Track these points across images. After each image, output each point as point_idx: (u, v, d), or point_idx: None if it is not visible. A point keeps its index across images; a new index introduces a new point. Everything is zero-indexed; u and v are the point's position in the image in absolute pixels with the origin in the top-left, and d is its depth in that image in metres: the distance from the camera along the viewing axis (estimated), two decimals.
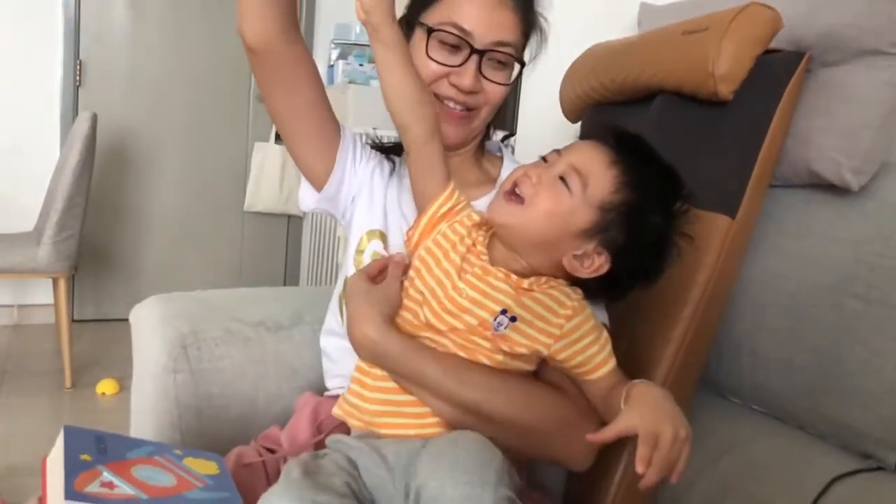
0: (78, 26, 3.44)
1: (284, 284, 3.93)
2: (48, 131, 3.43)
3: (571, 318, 0.82)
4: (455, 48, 0.95)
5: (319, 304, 1.32)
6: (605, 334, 0.85)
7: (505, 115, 2.38)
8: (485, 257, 0.85)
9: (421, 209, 0.90)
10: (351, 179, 1.06)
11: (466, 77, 0.95)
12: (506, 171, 1.08)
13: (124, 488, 0.72)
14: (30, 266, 2.67)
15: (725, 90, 1.07)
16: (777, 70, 1.06)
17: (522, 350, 0.82)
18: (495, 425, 0.81)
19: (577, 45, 1.47)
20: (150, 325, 1.20)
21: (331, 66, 3.69)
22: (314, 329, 1.27)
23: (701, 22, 1.13)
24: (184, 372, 1.15)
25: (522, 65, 1.00)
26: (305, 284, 3.63)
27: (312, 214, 3.40)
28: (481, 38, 0.94)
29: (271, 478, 0.98)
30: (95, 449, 0.77)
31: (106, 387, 2.77)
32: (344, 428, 0.90)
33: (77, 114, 3.20)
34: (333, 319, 1.11)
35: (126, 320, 1.28)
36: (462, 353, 0.83)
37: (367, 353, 0.83)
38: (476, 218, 0.88)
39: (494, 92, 0.98)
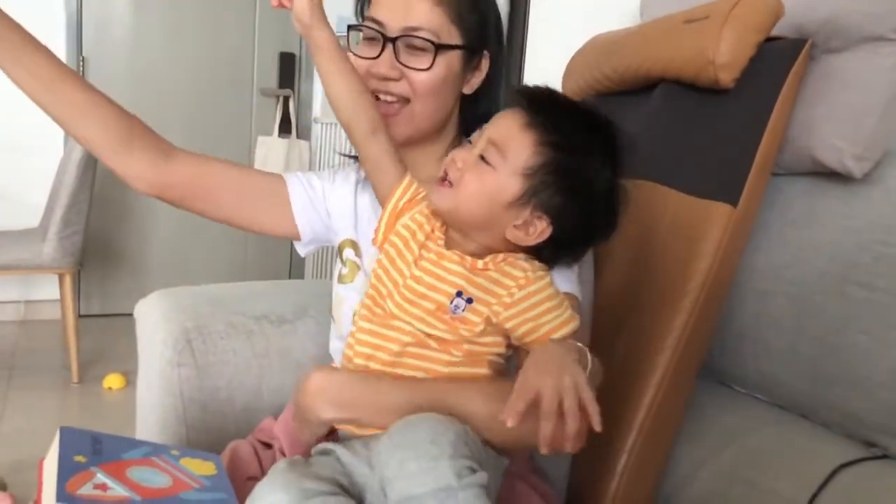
0: (80, 22, 3.44)
1: (289, 278, 3.94)
2: (52, 127, 3.40)
3: (524, 286, 0.81)
4: (372, 40, 0.98)
5: (323, 298, 1.32)
6: (566, 302, 0.83)
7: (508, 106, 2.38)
8: (441, 242, 0.86)
9: (381, 202, 0.92)
10: (320, 214, 1.08)
11: (381, 64, 0.96)
12: None
13: (118, 490, 0.72)
14: (35, 262, 2.68)
15: (726, 78, 1.06)
16: (779, 57, 1.06)
17: (479, 326, 0.81)
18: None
19: (580, 36, 1.46)
20: (155, 320, 1.20)
21: None
22: (318, 322, 1.27)
23: (702, 10, 1.12)
24: (188, 366, 1.15)
25: (440, 48, 0.96)
26: (310, 278, 3.64)
27: None
28: (392, 26, 0.95)
29: (266, 471, 0.98)
30: (91, 450, 0.76)
31: (113, 381, 2.78)
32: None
33: None
34: (331, 322, 1.12)
35: (132, 315, 1.28)
36: (426, 349, 0.82)
37: (330, 406, 0.82)
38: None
39: (417, 79, 0.96)
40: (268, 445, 1.03)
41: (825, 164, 1.01)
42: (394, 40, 0.95)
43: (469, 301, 0.82)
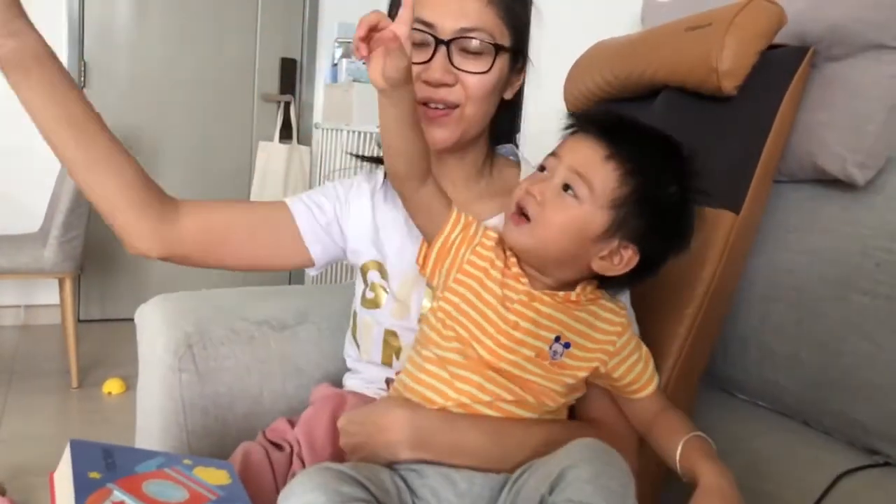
0: (82, 28, 3.45)
1: (290, 283, 3.94)
2: None
3: (622, 334, 0.83)
4: (423, 45, 0.91)
5: (324, 303, 1.32)
6: (647, 350, 0.86)
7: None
8: (524, 280, 0.83)
9: (428, 238, 0.88)
10: (334, 239, 1.05)
11: (435, 70, 0.90)
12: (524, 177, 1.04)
13: None
14: (36, 267, 2.68)
15: (729, 85, 1.06)
16: (781, 65, 1.06)
17: (582, 373, 0.82)
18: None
19: (582, 43, 1.46)
20: (156, 325, 1.20)
21: (334, 65, 3.69)
22: (319, 328, 1.27)
23: (704, 17, 1.12)
24: (189, 371, 1.15)
25: (500, 49, 0.93)
26: (311, 283, 3.64)
27: None
28: (444, 29, 0.90)
29: (278, 476, 0.98)
30: (104, 464, 0.75)
31: (112, 386, 2.77)
32: None
33: None
34: (351, 345, 1.11)
35: (132, 320, 1.28)
36: (522, 392, 0.81)
37: (410, 449, 0.80)
38: (494, 235, 0.86)
39: (472, 83, 0.92)
40: (278, 446, 1.02)
41: (828, 172, 1.02)
42: (448, 43, 0.90)
43: (567, 346, 0.81)
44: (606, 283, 0.86)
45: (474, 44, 0.91)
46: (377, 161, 1.11)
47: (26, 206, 3.22)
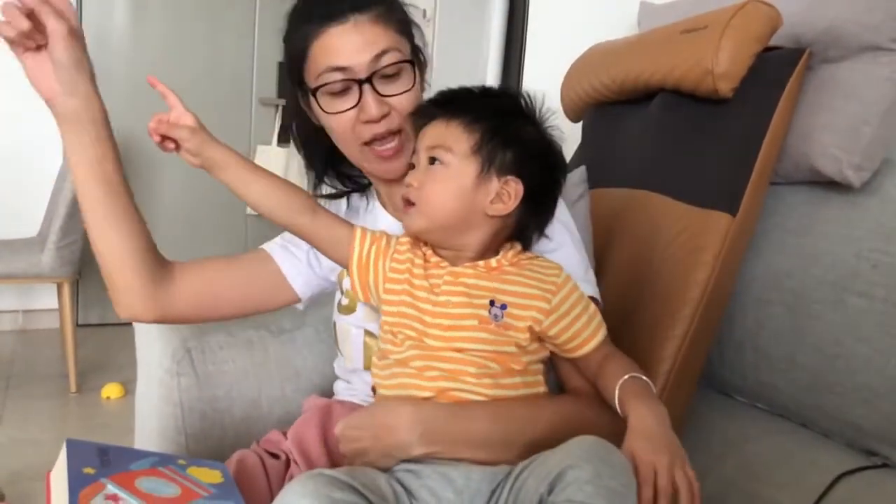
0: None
1: None
2: (51, 137, 3.42)
3: (556, 292, 0.84)
4: (345, 91, 0.93)
5: (322, 307, 1.32)
6: (593, 307, 0.87)
7: None
8: (444, 264, 0.85)
9: (345, 266, 0.90)
10: (313, 269, 1.08)
11: (370, 108, 0.91)
12: None
13: (129, 500, 0.72)
14: (34, 271, 2.68)
15: (725, 88, 1.07)
16: (777, 67, 1.06)
17: (524, 333, 0.82)
18: (536, 450, 0.80)
19: (578, 46, 1.47)
20: (154, 330, 1.20)
21: None
22: (317, 331, 1.27)
23: (700, 20, 1.13)
24: (187, 375, 1.15)
25: (413, 63, 0.95)
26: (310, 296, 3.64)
27: None
28: (360, 67, 0.90)
29: (273, 482, 0.98)
30: (99, 461, 0.76)
31: (111, 391, 2.77)
32: None
33: None
34: (338, 356, 1.12)
35: (130, 324, 1.28)
36: (484, 361, 0.82)
37: (423, 444, 0.80)
38: (406, 240, 0.89)
39: (404, 104, 0.93)
40: (274, 455, 1.03)
41: (824, 174, 1.02)
42: (369, 80, 0.91)
43: (503, 307, 0.82)
44: (522, 238, 0.88)
45: (390, 69, 0.92)
46: (340, 195, 1.13)
47: (24, 212, 3.22)
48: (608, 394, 0.82)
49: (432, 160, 0.84)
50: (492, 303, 0.82)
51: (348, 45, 0.90)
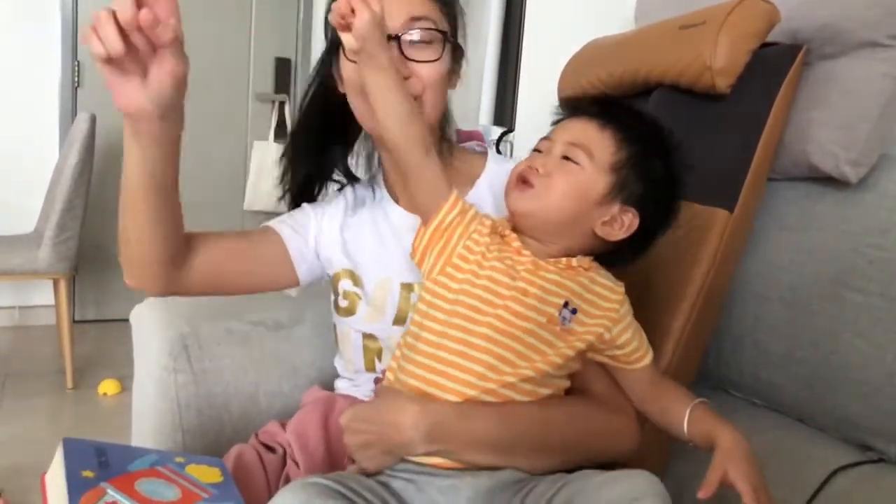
0: (76, 27, 3.44)
1: None
2: (48, 132, 3.43)
3: (623, 302, 0.86)
4: None
5: (319, 303, 1.32)
6: (640, 326, 0.89)
7: (504, 111, 2.39)
8: (527, 252, 0.84)
9: (424, 219, 0.88)
10: (313, 252, 1.07)
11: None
12: (490, 169, 1.07)
13: None
14: (30, 267, 2.67)
15: (723, 84, 1.07)
16: (775, 63, 1.06)
17: (590, 337, 0.83)
18: (543, 454, 0.83)
19: (575, 41, 1.46)
20: (151, 326, 1.20)
21: None
22: (314, 326, 1.27)
23: (698, 16, 1.12)
24: (185, 372, 1.15)
25: (445, 36, 0.95)
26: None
27: None
28: (393, 23, 0.91)
29: (270, 477, 0.98)
30: (97, 463, 0.75)
31: (108, 387, 2.77)
32: None
33: (76, 115, 3.20)
34: (339, 359, 1.12)
35: (127, 320, 1.28)
36: (531, 356, 0.81)
37: (427, 443, 0.79)
38: (489, 222, 0.87)
39: (427, 72, 0.94)
40: (271, 449, 1.03)
41: (821, 170, 1.02)
42: (398, 37, 0.92)
43: (574, 311, 0.83)
44: (602, 260, 0.88)
45: (425, 34, 0.93)
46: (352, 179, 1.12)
47: (21, 207, 3.22)
48: (671, 415, 0.84)
49: (566, 157, 0.83)
50: (565, 304, 0.82)
51: (389, 4, 0.90)
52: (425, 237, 0.86)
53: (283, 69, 3.85)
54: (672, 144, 0.86)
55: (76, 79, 3.45)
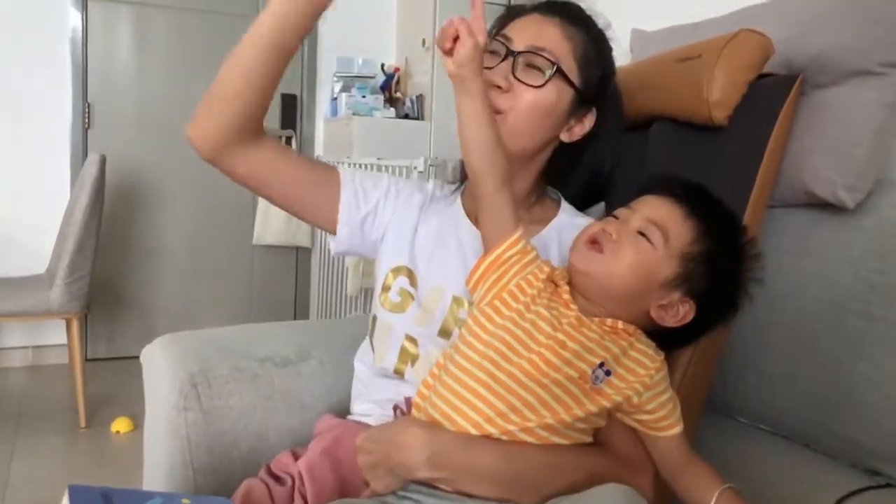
0: (85, 70, 3.50)
1: (295, 316, 3.95)
2: (59, 173, 3.48)
3: (659, 370, 0.85)
4: (494, 53, 0.98)
5: (327, 338, 1.33)
6: (674, 394, 0.88)
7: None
8: (574, 307, 0.85)
9: (486, 249, 0.90)
10: (364, 232, 1.08)
11: (496, 73, 0.96)
12: (562, 219, 1.07)
13: None
14: (43, 308, 2.70)
15: (720, 115, 1.08)
16: (771, 94, 1.08)
17: (618, 398, 0.83)
18: (547, 496, 0.82)
19: None
20: (160, 365, 1.21)
21: (334, 99, 3.74)
22: (322, 363, 1.28)
23: (694, 49, 1.15)
24: (194, 410, 1.16)
25: (560, 72, 0.97)
26: (315, 316, 3.65)
27: (321, 246, 3.43)
28: (519, 43, 0.97)
29: None
30: None
31: (120, 425, 2.77)
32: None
33: (86, 155, 3.25)
34: (367, 351, 1.12)
35: (138, 358, 1.29)
36: (554, 406, 0.82)
37: (428, 467, 0.81)
38: (547, 270, 0.88)
39: (523, 94, 0.96)
40: (280, 480, 1.03)
41: (818, 196, 1.03)
42: (516, 54, 0.96)
43: (608, 374, 0.83)
44: (650, 335, 0.87)
45: (539, 60, 0.96)
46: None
47: (33, 246, 3.25)
48: (697, 493, 0.83)
49: (642, 233, 0.82)
50: (601, 364, 0.83)
51: (525, 26, 0.99)
52: (481, 267, 0.88)
53: (289, 105, 3.90)
54: (749, 251, 0.85)
55: (86, 120, 3.51)
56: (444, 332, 1.01)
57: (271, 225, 3.74)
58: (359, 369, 1.14)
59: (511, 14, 1.03)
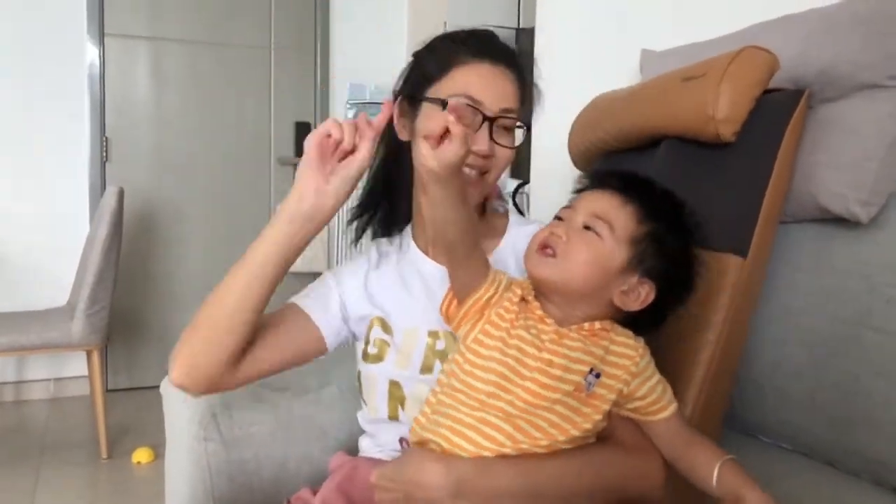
0: (103, 104, 3.56)
1: None
2: (78, 207, 3.52)
3: (643, 356, 0.88)
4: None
5: (345, 365, 1.33)
6: (664, 378, 0.90)
7: (518, 164, 2.41)
8: (550, 321, 0.87)
9: (460, 290, 0.91)
10: (339, 319, 1.09)
11: (482, 142, 0.98)
12: (513, 226, 1.12)
13: None
14: (65, 340, 2.73)
15: (728, 132, 1.08)
16: (778, 109, 1.08)
17: (612, 396, 0.86)
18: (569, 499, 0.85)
19: (583, 95, 1.50)
20: (181, 395, 1.22)
21: None
22: (341, 390, 1.29)
23: (699, 68, 1.15)
24: (214, 440, 1.17)
25: (528, 128, 1.05)
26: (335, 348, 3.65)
27: None
28: (490, 107, 0.99)
29: None
30: None
31: (142, 455, 2.79)
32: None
33: (104, 188, 3.30)
34: (362, 405, 1.13)
35: (158, 387, 1.30)
36: (563, 425, 0.84)
37: (450, 497, 0.82)
38: (519, 292, 0.90)
39: (503, 155, 1.02)
40: None
41: (831, 211, 1.03)
42: (492, 119, 0.99)
43: (597, 376, 0.85)
44: (621, 323, 0.90)
45: (508, 122, 1.01)
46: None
47: (53, 280, 3.29)
48: (700, 470, 0.85)
49: (588, 227, 0.86)
50: (590, 371, 0.85)
51: (490, 85, 1.00)
52: (464, 310, 0.90)
53: (302, 133, 3.93)
54: (693, 223, 0.89)
55: (104, 153, 3.56)
56: (426, 369, 1.03)
57: None
58: (360, 418, 1.15)
59: (452, 58, 1.02)
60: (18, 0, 3.38)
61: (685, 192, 1.16)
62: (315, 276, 1.14)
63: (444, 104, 0.99)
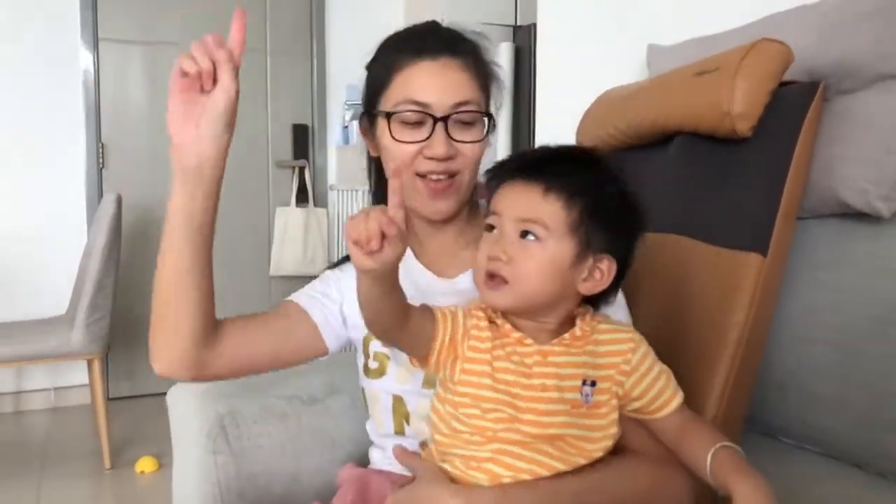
0: (98, 110, 3.53)
1: None
2: (75, 215, 3.50)
3: (635, 350, 0.84)
4: (418, 124, 0.95)
5: (353, 372, 1.31)
6: (667, 367, 0.86)
7: None
8: (529, 341, 0.82)
9: (422, 354, 0.84)
10: (339, 319, 1.06)
11: (438, 146, 0.93)
12: None
13: None
14: (65, 350, 2.70)
15: (743, 127, 1.06)
16: (794, 102, 1.05)
17: (613, 401, 0.82)
18: None
19: (590, 91, 1.47)
20: (188, 407, 1.20)
21: (345, 127, 3.74)
22: (350, 398, 1.26)
23: (711, 62, 1.13)
24: (224, 453, 1.14)
25: (489, 117, 0.98)
26: (339, 353, 3.63)
27: None
28: (440, 106, 0.93)
29: None
30: None
31: (145, 465, 2.76)
32: None
33: (102, 195, 3.27)
34: (371, 420, 1.10)
35: (160, 395, 1.28)
36: (584, 446, 0.82)
37: None
38: (482, 314, 0.85)
39: (470, 151, 0.96)
40: None
41: (851, 206, 1.00)
42: (444, 119, 0.94)
43: (593, 384, 0.81)
44: (595, 302, 0.86)
45: (468, 116, 0.95)
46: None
47: (52, 289, 3.27)
48: (695, 461, 0.81)
49: (524, 233, 0.80)
50: (583, 382, 0.81)
51: (433, 83, 0.94)
52: (434, 357, 0.84)
53: (300, 135, 3.91)
54: (611, 168, 0.84)
55: (101, 160, 3.53)
56: (428, 383, 0.99)
57: (287, 256, 3.75)
58: (368, 429, 1.13)
59: (390, 65, 0.99)
60: (10, 6, 3.35)
61: (701, 189, 1.15)
62: (314, 278, 1.11)
63: (387, 116, 0.95)
